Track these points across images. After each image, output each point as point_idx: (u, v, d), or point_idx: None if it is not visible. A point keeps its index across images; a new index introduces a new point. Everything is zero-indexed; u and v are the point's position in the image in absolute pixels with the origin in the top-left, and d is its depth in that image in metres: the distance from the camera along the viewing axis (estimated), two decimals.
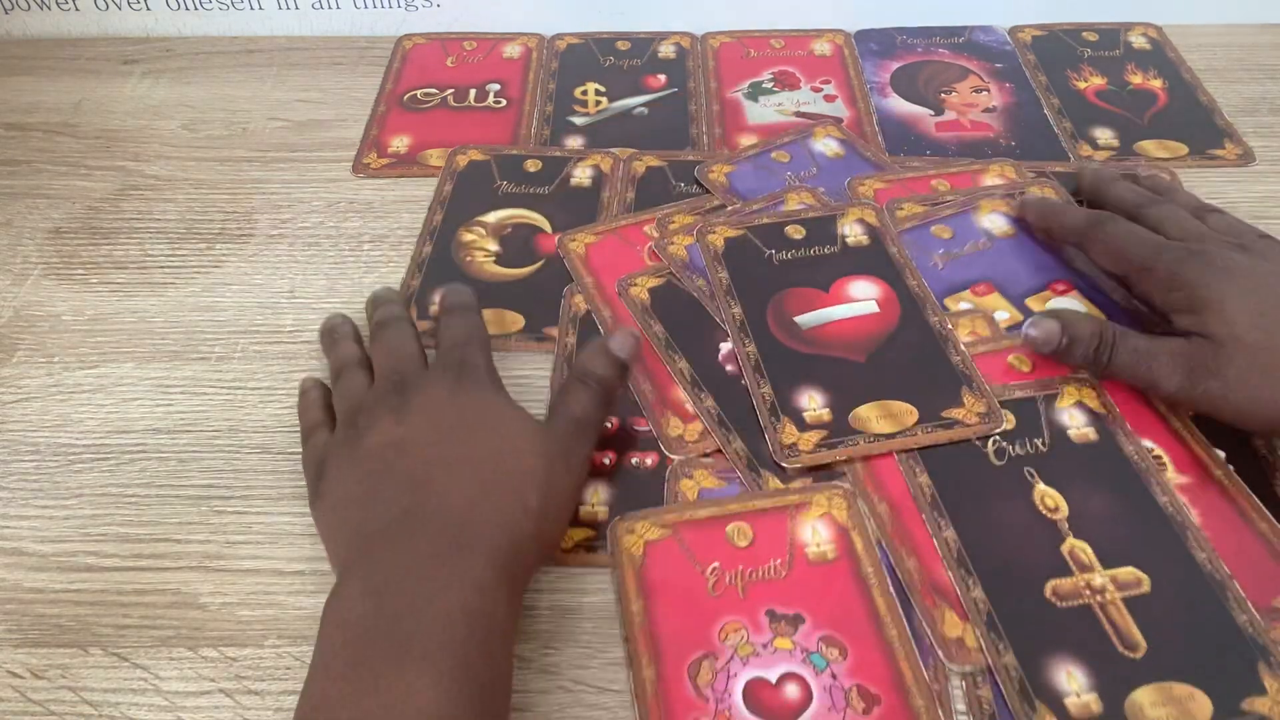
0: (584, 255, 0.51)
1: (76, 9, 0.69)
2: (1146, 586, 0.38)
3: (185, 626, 0.39)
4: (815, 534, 0.40)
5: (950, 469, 0.42)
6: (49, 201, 0.57)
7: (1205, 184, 0.56)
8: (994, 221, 0.52)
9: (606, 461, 0.43)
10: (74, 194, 0.57)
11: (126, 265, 0.53)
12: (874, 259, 0.49)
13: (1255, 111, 0.62)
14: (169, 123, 0.63)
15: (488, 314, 0.49)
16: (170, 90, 0.65)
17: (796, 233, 0.51)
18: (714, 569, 0.39)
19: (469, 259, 0.52)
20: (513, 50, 0.68)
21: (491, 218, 0.55)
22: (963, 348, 0.45)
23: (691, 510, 0.41)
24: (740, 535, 0.40)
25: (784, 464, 0.42)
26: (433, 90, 0.64)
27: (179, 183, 0.58)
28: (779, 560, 0.39)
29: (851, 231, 0.51)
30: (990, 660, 0.36)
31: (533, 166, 0.58)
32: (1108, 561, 0.38)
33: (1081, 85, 0.64)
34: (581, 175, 0.57)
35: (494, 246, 0.53)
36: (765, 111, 0.62)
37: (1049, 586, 0.38)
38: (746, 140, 0.60)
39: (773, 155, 0.57)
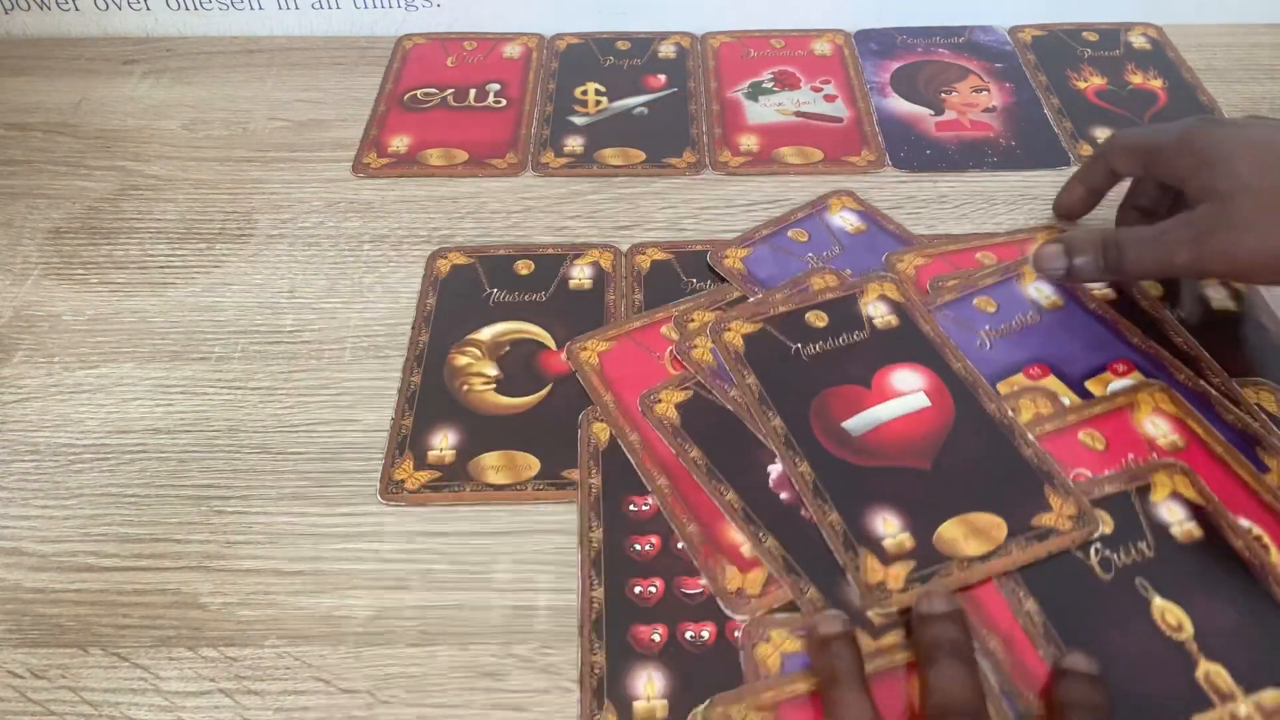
0: (598, 367, 0.46)
1: (76, 9, 0.69)
2: None
3: (185, 626, 0.39)
4: None
5: (1056, 589, 0.37)
6: (49, 201, 0.57)
7: None
8: (1041, 291, 0.48)
9: (656, 639, 0.37)
10: (74, 194, 0.57)
11: (126, 265, 0.53)
12: (909, 342, 0.45)
13: (1255, 111, 0.62)
14: (169, 123, 0.62)
15: (495, 459, 0.44)
16: (170, 90, 0.65)
17: (819, 320, 0.46)
18: None
19: (466, 388, 0.46)
20: (513, 50, 0.68)
21: (485, 334, 0.49)
22: (1031, 438, 0.41)
23: (790, 685, 0.35)
24: None
25: (875, 609, 0.36)
26: (433, 90, 0.64)
27: (179, 183, 0.58)
28: None
29: (877, 312, 0.46)
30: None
31: (524, 268, 0.52)
32: (1247, 684, 0.34)
33: (1082, 85, 0.64)
34: (580, 276, 0.51)
35: (493, 371, 0.47)
36: (765, 111, 0.62)
37: None
38: (747, 141, 0.60)
39: (790, 234, 0.52)
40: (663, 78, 0.65)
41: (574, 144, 0.60)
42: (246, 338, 0.49)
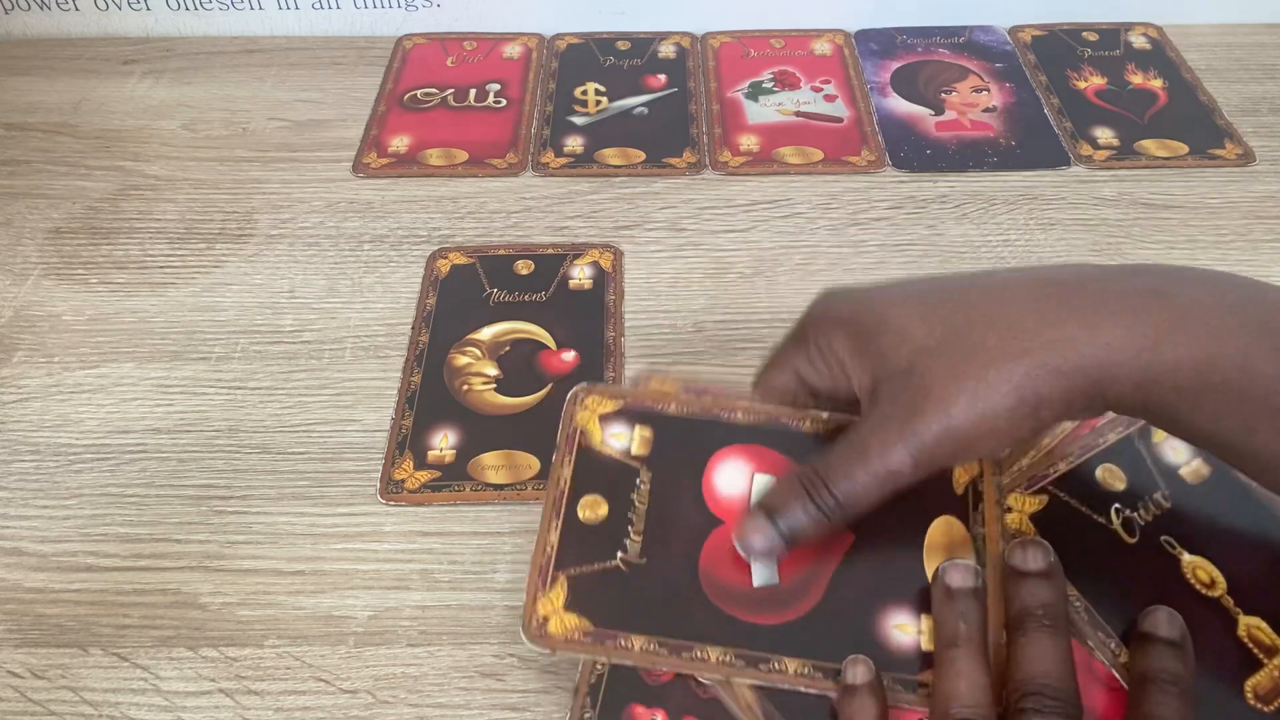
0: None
1: (76, 9, 0.69)
2: None
3: (185, 626, 0.39)
4: None
5: (1089, 567, 0.35)
6: (49, 201, 0.57)
7: (1205, 184, 0.56)
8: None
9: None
10: (74, 194, 0.57)
11: (126, 265, 0.53)
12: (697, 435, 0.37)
13: (1255, 111, 0.62)
14: (169, 123, 0.62)
15: (495, 459, 0.43)
16: (170, 90, 0.65)
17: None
18: None
19: (466, 388, 0.46)
20: (513, 50, 0.68)
21: (485, 334, 0.49)
22: None
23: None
24: None
25: None
26: (433, 90, 0.64)
27: (179, 183, 0.58)
28: None
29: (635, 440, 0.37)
30: None
31: (524, 268, 0.52)
32: None
33: (1082, 85, 0.64)
34: (580, 276, 0.51)
35: (493, 371, 0.47)
36: (765, 111, 0.62)
37: (1247, 686, 0.32)
38: (747, 141, 0.60)
39: None
40: (663, 78, 0.65)
41: (574, 144, 0.60)
42: (246, 338, 0.49)
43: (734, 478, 0.36)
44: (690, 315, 0.50)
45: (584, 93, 0.64)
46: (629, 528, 0.35)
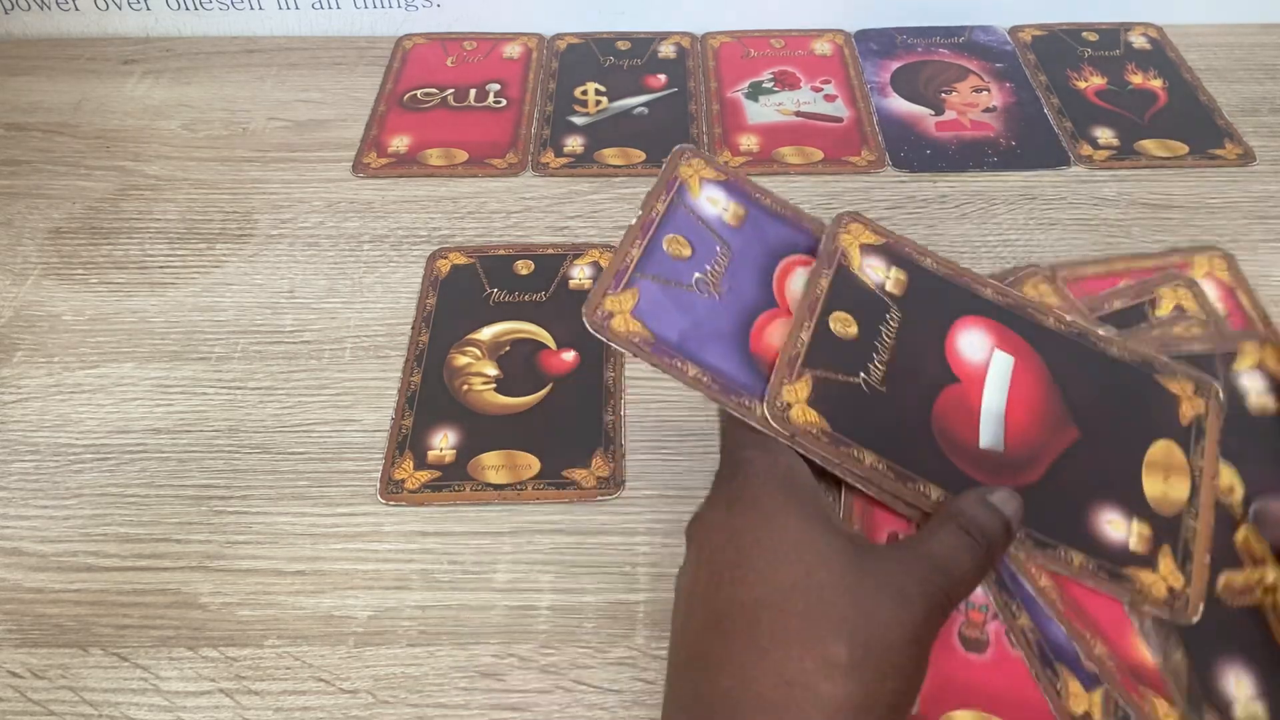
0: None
1: (76, 9, 0.69)
2: None
3: (185, 626, 0.39)
4: None
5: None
6: (49, 201, 0.57)
7: (1205, 184, 0.56)
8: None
9: None
10: (74, 194, 0.57)
11: (126, 265, 0.53)
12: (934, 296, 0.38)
13: (1255, 111, 0.62)
14: (169, 123, 0.62)
15: (495, 459, 0.44)
16: (170, 90, 0.65)
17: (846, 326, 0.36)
18: None
19: (466, 388, 0.46)
20: (513, 50, 0.68)
21: (485, 334, 0.49)
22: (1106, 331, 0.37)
23: None
24: None
25: None
26: (433, 90, 0.64)
27: (179, 183, 0.58)
28: None
29: (892, 276, 0.38)
30: (1159, 661, 0.33)
31: (524, 268, 0.52)
32: None
33: (1082, 85, 0.64)
34: (580, 276, 0.52)
35: (493, 371, 0.47)
36: (765, 111, 0.62)
37: (1221, 581, 0.34)
38: (747, 141, 0.60)
39: (667, 248, 0.37)
40: (663, 78, 0.65)
41: (574, 144, 0.60)
42: (246, 338, 0.49)
43: (976, 345, 0.37)
44: None
45: (584, 93, 0.64)
46: (874, 355, 0.36)
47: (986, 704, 0.33)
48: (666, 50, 0.67)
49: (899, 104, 0.63)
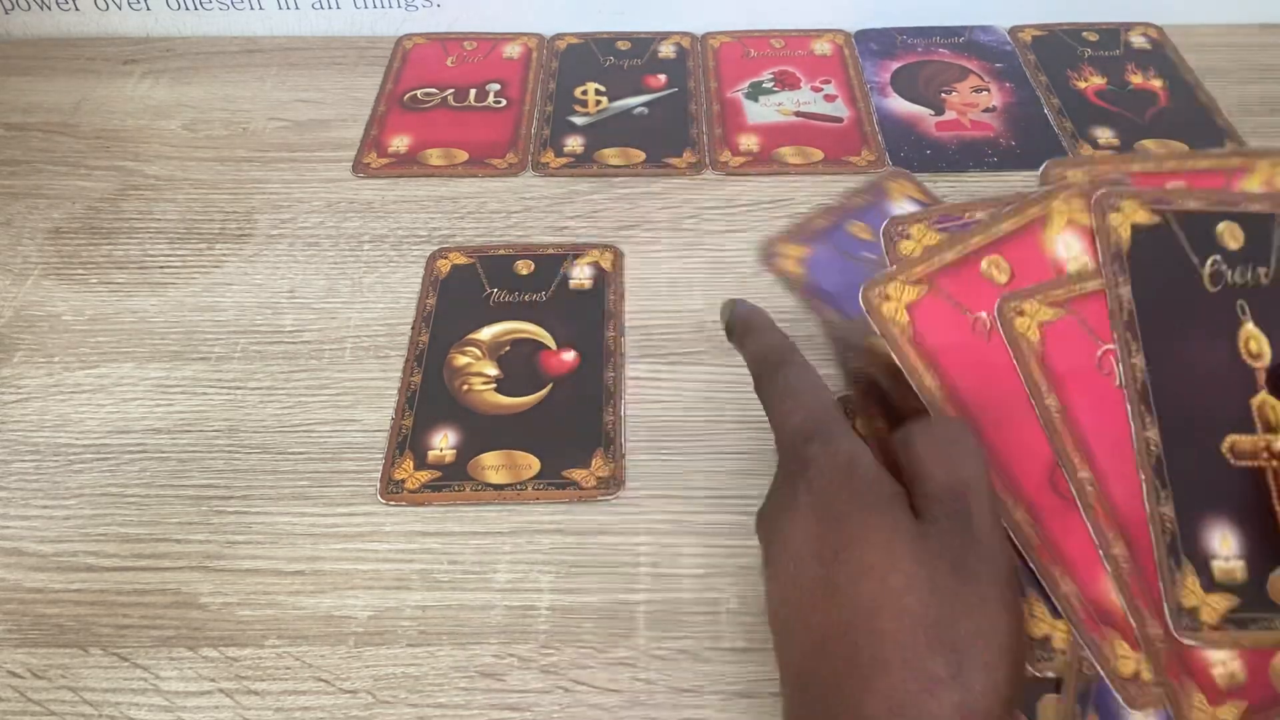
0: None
1: (76, 9, 0.69)
2: None
3: (185, 626, 0.39)
4: None
5: (1156, 285, 0.36)
6: (49, 201, 0.57)
7: None
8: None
9: None
10: (74, 194, 0.57)
11: (126, 265, 0.53)
12: None
13: (1255, 111, 0.62)
14: (169, 123, 0.62)
15: (495, 459, 0.44)
16: (170, 90, 0.65)
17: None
18: None
19: (466, 388, 0.46)
20: (513, 50, 0.68)
21: (485, 334, 0.49)
22: None
23: (939, 256, 0.36)
24: None
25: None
26: (433, 90, 0.64)
27: (179, 183, 0.58)
28: None
29: None
30: (1147, 507, 0.33)
31: (524, 268, 0.52)
32: None
33: (1082, 85, 0.64)
34: (580, 276, 0.51)
35: (493, 371, 0.47)
36: (765, 111, 0.62)
37: (1228, 441, 0.34)
38: (747, 141, 0.60)
39: (850, 229, 0.44)
40: (663, 78, 0.65)
41: (574, 144, 0.60)
42: (246, 338, 0.49)
43: None
44: (690, 315, 0.50)
45: (584, 93, 0.64)
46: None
47: None
48: (666, 50, 0.67)
49: (899, 104, 0.63)
